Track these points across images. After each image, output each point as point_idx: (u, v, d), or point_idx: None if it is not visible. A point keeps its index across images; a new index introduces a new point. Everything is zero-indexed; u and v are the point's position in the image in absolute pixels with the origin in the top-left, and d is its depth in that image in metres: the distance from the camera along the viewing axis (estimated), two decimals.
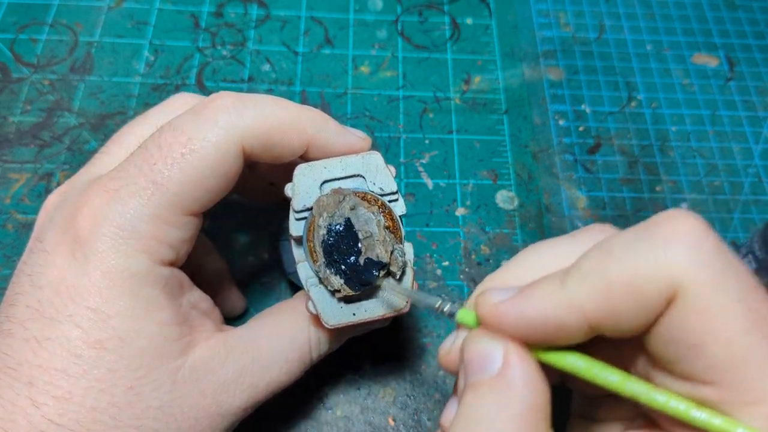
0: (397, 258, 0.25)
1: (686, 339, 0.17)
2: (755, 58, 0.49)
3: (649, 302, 0.17)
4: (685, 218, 0.17)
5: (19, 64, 0.43)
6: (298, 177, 0.24)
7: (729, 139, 0.45)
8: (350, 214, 0.24)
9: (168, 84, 0.44)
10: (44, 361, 0.21)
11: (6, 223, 0.37)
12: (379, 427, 0.32)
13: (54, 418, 0.20)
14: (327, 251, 0.24)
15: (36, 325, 0.21)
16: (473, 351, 0.19)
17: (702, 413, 0.17)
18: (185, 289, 0.25)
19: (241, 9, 0.48)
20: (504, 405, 0.18)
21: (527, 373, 0.18)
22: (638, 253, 0.17)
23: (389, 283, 0.24)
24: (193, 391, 0.23)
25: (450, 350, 0.21)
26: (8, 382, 0.21)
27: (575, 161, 0.43)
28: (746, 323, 0.16)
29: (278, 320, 0.26)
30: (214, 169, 0.23)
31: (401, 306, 0.25)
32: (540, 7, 0.51)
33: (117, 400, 0.21)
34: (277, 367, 0.25)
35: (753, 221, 0.41)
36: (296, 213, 0.25)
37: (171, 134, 0.23)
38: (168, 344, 0.22)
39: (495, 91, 0.46)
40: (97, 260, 0.22)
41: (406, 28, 0.48)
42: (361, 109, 0.44)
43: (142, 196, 0.22)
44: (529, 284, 0.19)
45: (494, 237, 0.39)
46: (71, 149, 0.40)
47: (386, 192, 0.25)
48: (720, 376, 0.17)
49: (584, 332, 0.18)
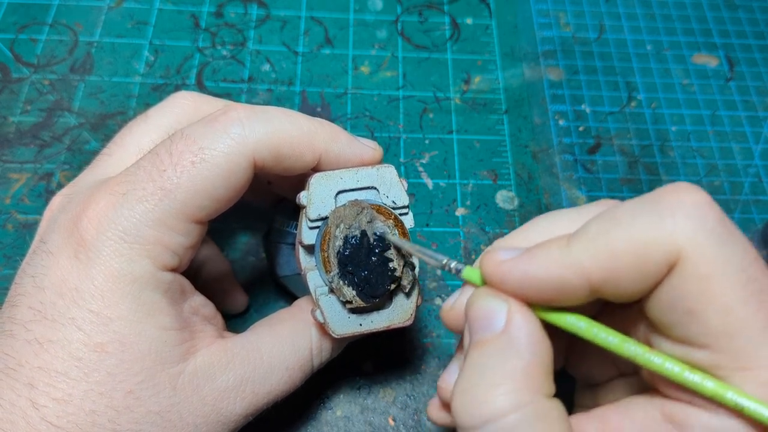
0: (408, 272, 0.25)
1: (684, 304, 0.17)
2: (755, 58, 0.49)
3: (651, 267, 0.17)
4: (691, 190, 0.18)
5: (19, 64, 0.43)
6: (314, 186, 0.24)
7: (729, 139, 0.45)
8: (367, 227, 0.24)
9: (168, 84, 0.44)
10: (45, 363, 0.21)
11: (6, 223, 0.37)
12: (379, 427, 0.32)
13: (53, 420, 0.20)
14: (342, 262, 0.24)
15: (38, 327, 0.21)
16: (477, 309, 0.19)
17: (695, 376, 0.17)
18: (187, 294, 0.25)
19: (241, 9, 0.48)
20: (508, 360, 0.18)
21: (530, 330, 0.18)
22: (643, 219, 0.18)
23: (397, 239, 0.24)
24: (193, 398, 0.23)
25: (453, 306, 0.22)
26: (9, 383, 0.21)
27: (575, 161, 0.43)
28: (745, 292, 0.17)
29: (279, 328, 0.27)
30: (224, 179, 0.23)
31: (406, 318, 0.26)
32: (540, 7, 0.51)
33: (116, 404, 0.21)
34: (278, 375, 0.25)
35: (753, 221, 0.41)
36: (310, 222, 0.24)
37: (183, 142, 0.23)
38: (168, 349, 0.22)
39: (495, 91, 0.46)
40: (100, 263, 0.22)
41: (406, 28, 0.48)
42: (361, 109, 0.44)
43: (150, 201, 0.22)
44: (534, 245, 0.19)
45: (494, 237, 0.39)
46: (71, 149, 0.40)
47: (398, 206, 0.25)
48: (714, 342, 0.17)
49: (586, 294, 0.18)
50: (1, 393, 0.21)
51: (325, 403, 0.33)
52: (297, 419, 0.32)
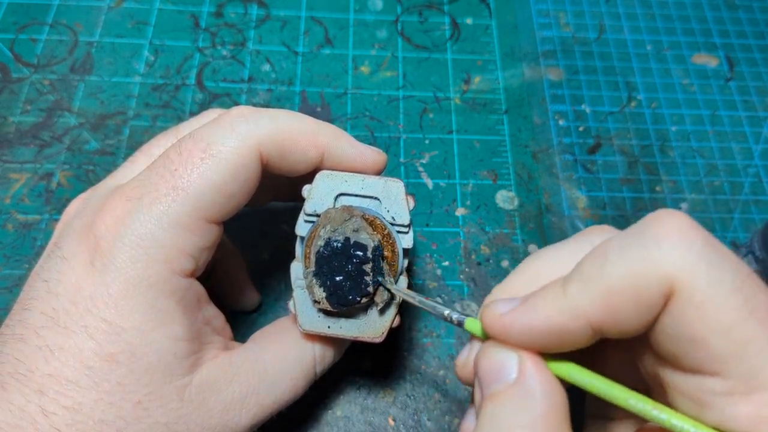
0: (383, 293, 0.25)
1: (687, 333, 0.17)
2: (755, 58, 0.49)
3: (648, 301, 0.17)
4: (672, 217, 0.18)
5: (19, 64, 0.43)
6: (318, 181, 0.25)
7: (729, 139, 0.45)
8: (351, 235, 0.24)
9: (168, 84, 0.44)
10: (55, 371, 0.21)
11: (6, 223, 0.37)
12: (379, 427, 0.32)
13: (62, 428, 0.20)
14: (319, 262, 0.24)
15: (49, 334, 0.21)
16: (487, 363, 0.19)
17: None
18: (201, 304, 0.25)
19: (241, 9, 0.48)
20: (525, 409, 0.18)
21: (544, 378, 0.18)
22: (632, 253, 0.17)
23: (398, 288, 0.25)
24: (200, 410, 0.23)
25: (466, 362, 0.22)
26: (18, 388, 0.21)
27: (575, 161, 0.43)
28: (743, 312, 0.17)
29: (282, 338, 0.27)
30: (233, 173, 0.23)
31: (376, 335, 0.25)
32: (540, 7, 0.51)
33: (125, 414, 0.21)
34: (283, 385, 0.26)
35: (753, 221, 0.41)
36: (306, 215, 0.25)
37: (191, 142, 0.23)
38: (177, 361, 0.22)
39: (495, 91, 0.46)
40: (115, 271, 0.22)
41: (406, 28, 0.48)
42: (361, 109, 0.44)
43: (164, 203, 0.22)
44: (531, 293, 0.19)
45: (494, 237, 0.39)
46: (71, 149, 0.40)
47: (398, 223, 0.25)
48: (723, 367, 0.17)
49: (589, 336, 0.18)
50: (11, 398, 0.20)
51: (325, 403, 0.33)
52: (296, 419, 0.32)
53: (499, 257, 0.38)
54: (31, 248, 0.36)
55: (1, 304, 0.34)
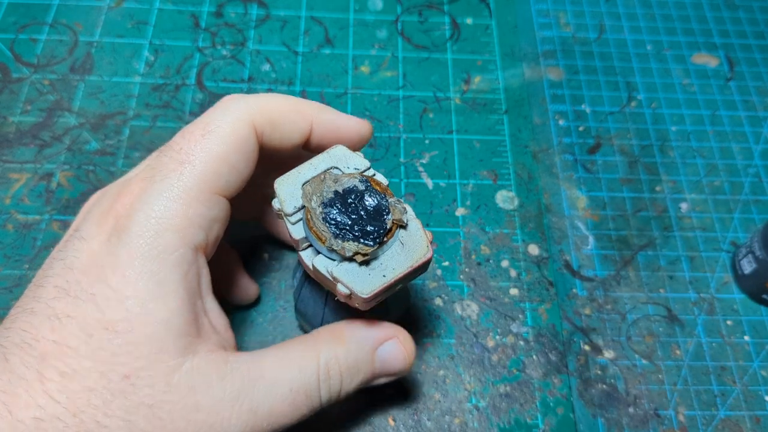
0: (395, 205, 0.25)
1: None
2: (755, 58, 0.49)
3: None
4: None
5: (19, 64, 0.43)
6: (279, 187, 0.26)
7: (729, 139, 0.45)
8: (336, 186, 0.25)
9: (168, 84, 0.44)
10: (60, 338, 0.21)
11: (6, 223, 0.37)
12: (379, 427, 0.32)
13: (54, 395, 0.20)
14: (330, 224, 0.24)
15: (59, 304, 0.22)
16: None
17: None
18: (204, 293, 0.25)
19: (241, 9, 0.48)
20: None
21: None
22: None
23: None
24: (187, 400, 0.22)
25: None
26: (21, 356, 0.21)
27: (575, 161, 0.43)
28: None
29: (286, 348, 0.26)
30: (233, 145, 0.25)
31: (424, 252, 0.25)
32: (540, 7, 0.51)
33: (112, 387, 0.21)
34: (281, 396, 0.24)
35: (753, 221, 0.41)
36: (290, 217, 0.25)
37: (192, 126, 0.25)
38: (171, 338, 0.22)
39: (495, 91, 0.46)
40: (127, 240, 0.22)
41: (406, 28, 0.48)
42: (361, 109, 0.44)
43: (172, 177, 0.24)
44: None
45: (494, 237, 0.39)
46: (71, 149, 0.40)
47: (361, 170, 0.26)
48: None
49: None
50: (12, 366, 0.21)
51: None
52: None
53: (499, 257, 0.38)
54: (31, 248, 0.36)
55: (1, 304, 0.34)
